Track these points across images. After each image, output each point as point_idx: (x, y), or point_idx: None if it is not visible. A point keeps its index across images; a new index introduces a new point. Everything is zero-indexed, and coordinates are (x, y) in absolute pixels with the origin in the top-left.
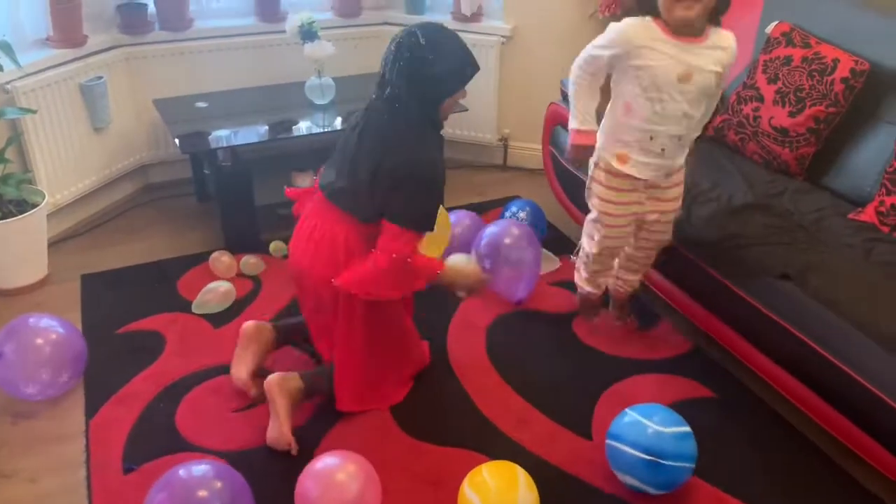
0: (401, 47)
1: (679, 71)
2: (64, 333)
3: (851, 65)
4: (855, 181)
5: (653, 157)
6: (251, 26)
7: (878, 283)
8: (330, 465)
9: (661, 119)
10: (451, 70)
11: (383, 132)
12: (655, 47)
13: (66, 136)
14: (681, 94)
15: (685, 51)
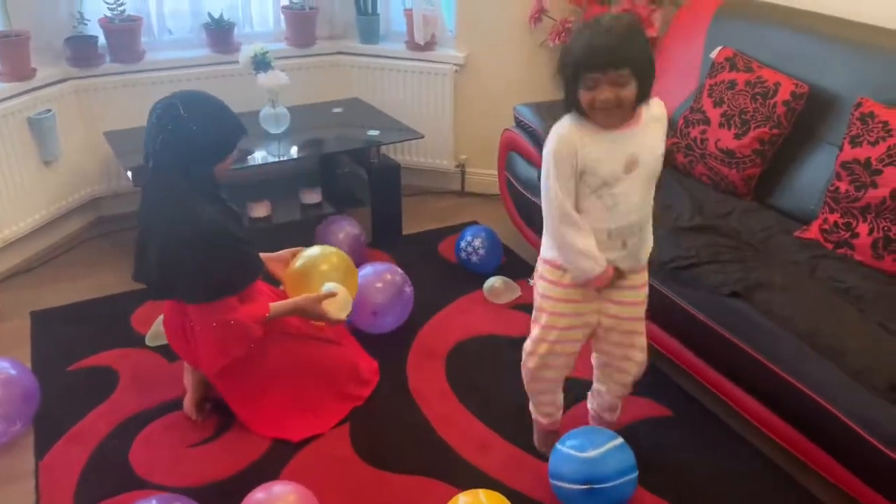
0: (161, 119)
1: (624, 161)
2: (15, 375)
3: (792, 88)
4: (800, 200)
5: (614, 250)
6: (204, 57)
7: (824, 298)
8: (274, 494)
9: (615, 216)
10: (216, 138)
11: (154, 210)
12: (594, 145)
13: (15, 170)
14: (631, 183)
15: (623, 138)
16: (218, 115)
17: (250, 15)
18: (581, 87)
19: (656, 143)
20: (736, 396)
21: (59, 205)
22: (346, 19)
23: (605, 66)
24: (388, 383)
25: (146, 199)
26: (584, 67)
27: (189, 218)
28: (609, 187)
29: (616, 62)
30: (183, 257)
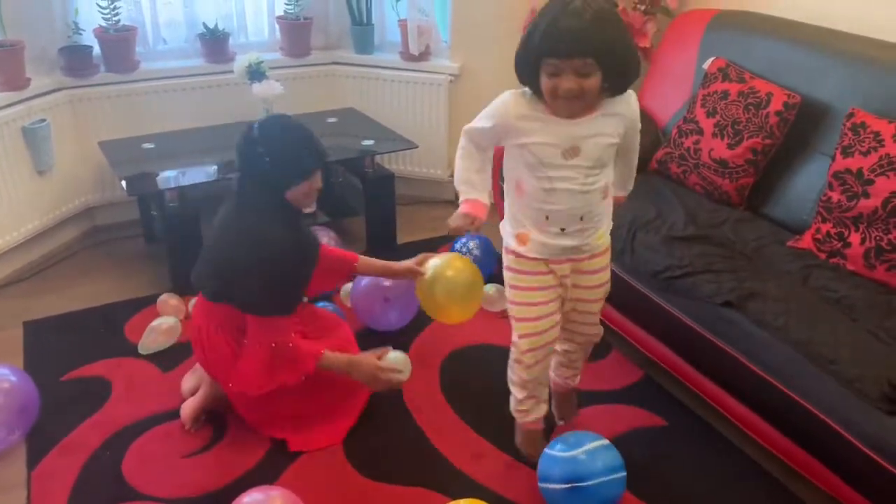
0: (239, 142)
1: (564, 147)
2: (16, 382)
3: (784, 98)
4: (792, 210)
5: (552, 236)
6: (198, 67)
7: (816, 307)
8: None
9: (553, 198)
10: (283, 164)
11: (228, 222)
12: (536, 123)
13: (8, 179)
14: (571, 171)
15: (566, 125)
16: (290, 142)
17: (245, 25)
18: (542, 72)
19: (606, 132)
20: (729, 406)
21: (52, 214)
22: (341, 29)
23: (568, 53)
24: (382, 392)
25: (222, 212)
26: (545, 53)
27: (257, 237)
28: (546, 169)
29: (580, 50)
30: (246, 272)
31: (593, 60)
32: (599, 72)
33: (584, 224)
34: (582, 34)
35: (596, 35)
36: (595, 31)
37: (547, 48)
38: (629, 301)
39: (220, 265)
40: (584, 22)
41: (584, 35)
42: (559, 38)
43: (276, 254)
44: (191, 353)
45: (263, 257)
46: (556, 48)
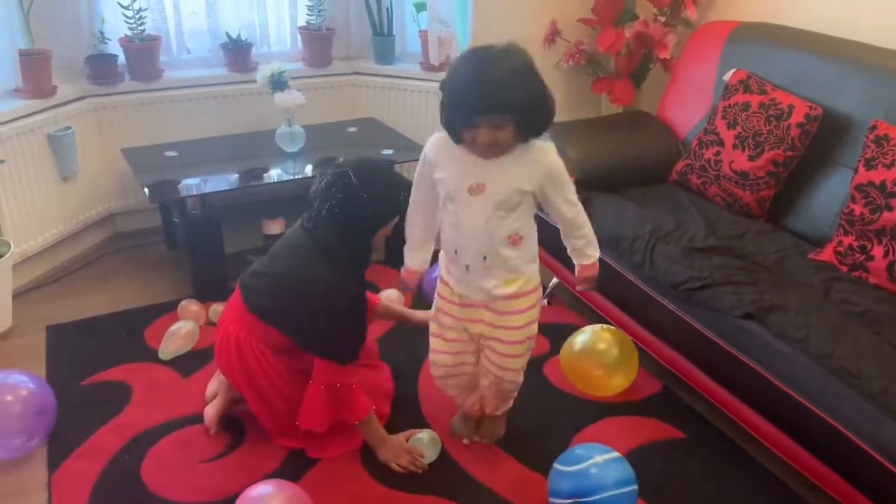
0: (332, 187)
1: (470, 182)
2: (34, 389)
3: (806, 110)
4: (814, 222)
5: (460, 273)
6: (221, 76)
7: (838, 321)
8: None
9: (459, 234)
10: (385, 204)
11: (301, 259)
12: (453, 160)
13: (34, 185)
14: (475, 206)
15: (476, 162)
16: (386, 180)
17: (268, 35)
18: (460, 123)
19: (515, 176)
20: (749, 419)
21: (76, 220)
22: (362, 40)
23: (482, 110)
24: (399, 402)
25: (292, 246)
26: (462, 112)
27: (329, 293)
28: (453, 203)
29: (494, 108)
30: (319, 316)
31: (507, 115)
32: (512, 124)
33: (489, 264)
34: (495, 93)
35: (508, 93)
36: (507, 88)
37: (463, 108)
38: (648, 312)
39: (283, 295)
40: (497, 80)
41: (496, 94)
42: (474, 97)
43: (344, 306)
44: (210, 359)
45: (332, 308)
46: (470, 109)
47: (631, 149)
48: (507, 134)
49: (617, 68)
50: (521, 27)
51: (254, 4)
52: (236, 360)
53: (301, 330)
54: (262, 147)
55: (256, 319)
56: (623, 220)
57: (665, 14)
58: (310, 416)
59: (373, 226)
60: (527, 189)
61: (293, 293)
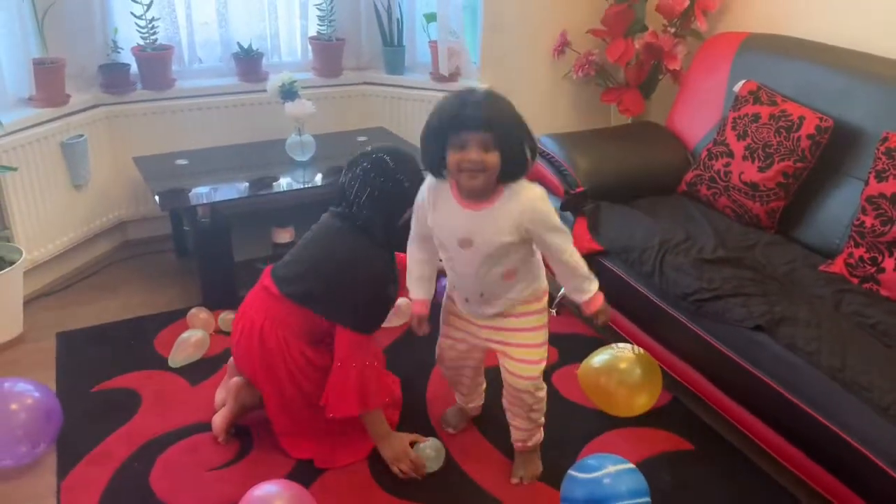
0: (370, 172)
1: (458, 236)
2: (39, 398)
3: (816, 122)
4: (824, 234)
5: (461, 303)
6: (232, 86)
7: (848, 333)
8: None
9: (456, 275)
10: (417, 188)
11: (339, 239)
12: (442, 208)
13: (46, 193)
14: (466, 257)
15: (468, 217)
16: (418, 167)
17: (279, 45)
18: (449, 147)
19: (501, 228)
20: (759, 431)
21: (86, 228)
22: (373, 50)
23: (475, 125)
24: (408, 411)
25: (329, 229)
26: (454, 126)
27: (371, 259)
28: (445, 250)
29: (486, 124)
30: (354, 288)
31: (495, 136)
32: (498, 151)
33: (487, 298)
34: (485, 111)
35: (496, 115)
36: (495, 111)
37: (456, 122)
38: (657, 323)
39: (322, 274)
40: (486, 103)
41: (486, 112)
42: (467, 114)
43: (384, 276)
44: (219, 367)
45: (374, 278)
46: (464, 122)
47: (640, 159)
48: (493, 159)
49: (626, 79)
50: (531, 38)
51: (265, 15)
52: (258, 349)
53: (339, 304)
54: (273, 156)
55: (287, 307)
56: (632, 230)
57: (675, 25)
58: (338, 399)
59: (408, 204)
60: (514, 240)
61: (337, 270)
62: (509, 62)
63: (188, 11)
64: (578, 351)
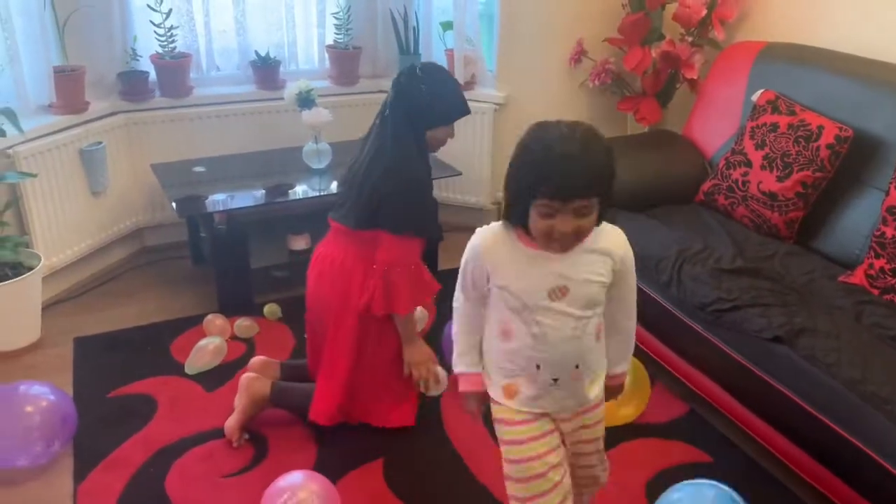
0: (401, 75)
1: (550, 287)
2: (55, 402)
3: (836, 131)
4: (844, 244)
5: (544, 387)
6: (250, 93)
7: (869, 345)
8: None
9: (543, 345)
10: (438, 103)
11: (376, 146)
12: (516, 260)
13: (65, 199)
14: (559, 313)
15: (548, 260)
16: (447, 88)
17: (296, 53)
18: (535, 207)
19: (595, 270)
20: (777, 443)
21: (104, 234)
22: (389, 58)
23: (569, 195)
24: (422, 418)
25: (369, 136)
26: (542, 194)
27: (404, 161)
28: (531, 313)
29: (582, 191)
30: (393, 190)
31: (595, 199)
32: (597, 208)
33: (580, 371)
34: (582, 172)
35: (595, 171)
36: (593, 165)
37: (544, 189)
38: (675, 333)
39: (366, 189)
40: (582, 155)
41: (584, 172)
42: (558, 178)
43: (418, 180)
44: (234, 373)
45: (409, 180)
46: (554, 189)
47: (657, 168)
48: (591, 221)
49: (643, 88)
50: (547, 46)
51: (282, 23)
52: (340, 281)
53: (383, 210)
54: (289, 164)
55: (353, 235)
56: (649, 240)
57: (692, 34)
58: (387, 297)
59: (426, 120)
60: (606, 282)
61: (379, 176)
62: (525, 70)
63: (206, 20)
64: None
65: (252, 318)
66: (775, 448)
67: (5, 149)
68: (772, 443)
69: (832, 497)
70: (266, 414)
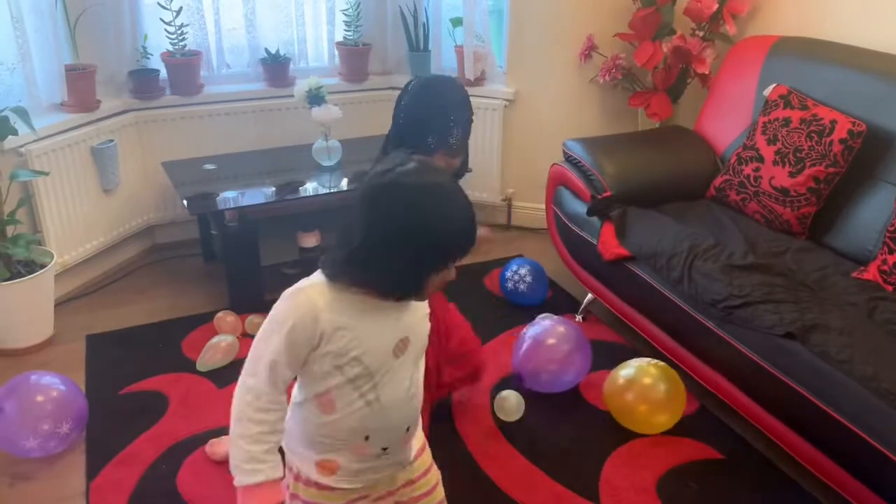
0: (406, 84)
1: (394, 341)
2: (65, 390)
3: (849, 126)
4: (857, 240)
5: (371, 460)
6: (260, 91)
7: (882, 342)
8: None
9: (378, 413)
10: (413, 127)
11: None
12: (359, 321)
13: (76, 197)
14: (399, 372)
15: (395, 312)
16: (426, 111)
17: (306, 50)
18: (435, 270)
19: (424, 306)
20: (790, 440)
21: (116, 232)
22: (399, 56)
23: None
24: (434, 420)
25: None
26: (459, 253)
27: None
28: (372, 378)
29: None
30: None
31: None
32: None
33: (409, 434)
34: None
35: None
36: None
37: (463, 249)
38: (686, 330)
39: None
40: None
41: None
42: (470, 239)
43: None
44: None
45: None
46: (467, 248)
47: (668, 164)
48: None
49: (654, 83)
50: (557, 42)
51: (292, 21)
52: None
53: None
54: (299, 161)
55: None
56: (660, 235)
57: (703, 29)
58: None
59: (402, 145)
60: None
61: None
62: (535, 66)
63: (217, 17)
64: (604, 358)
65: (263, 316)
66: (787, 445)
67: (17, 147)
68: (784, 440)
69: (845, 494)
70: None
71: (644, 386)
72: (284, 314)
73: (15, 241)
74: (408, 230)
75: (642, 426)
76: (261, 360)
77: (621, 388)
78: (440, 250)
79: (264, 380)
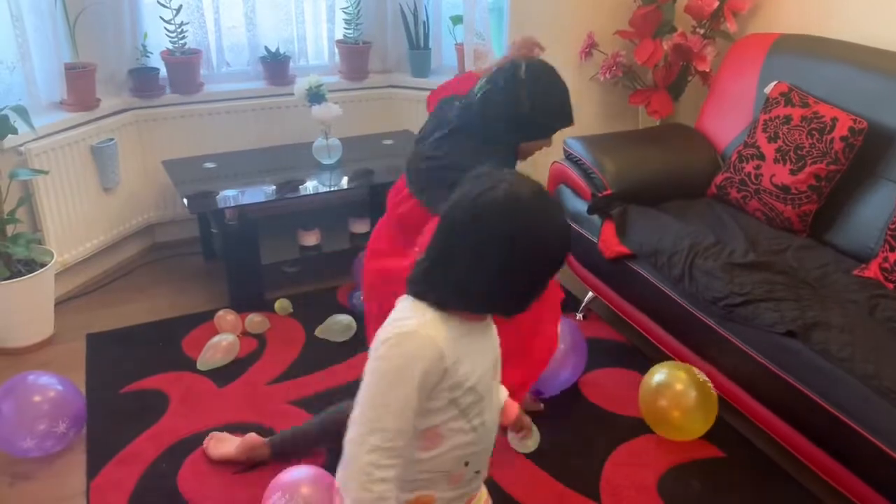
0: (500, 72)
1: (493, 363)
2: (62, 390)
3: (850, 123)
4: (858, 238)
5: (465, 485)
6: (260, 89)
7: (883, 339)
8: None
9: (483, 436)
10: (542, 116)
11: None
12: (468, 347)
13: (76, 196)
14: (495, 390)
15: (486, 329)
16: (552, 96)
17: (306, 49)
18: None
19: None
20: (790, 438)
21: (116, 231)
22: (399, 54)
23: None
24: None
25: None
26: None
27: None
28: (481, 402)
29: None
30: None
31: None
32: None
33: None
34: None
35: None
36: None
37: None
38: (687, 328)
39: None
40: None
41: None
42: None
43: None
44: (246, 369)
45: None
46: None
47: (668, 162)
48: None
49: (655, 81)
50: (557, 40)
51: (292, 19)
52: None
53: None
54: (299, 159)
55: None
56: (661, 233)
57: (704, 26)
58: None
59: (520, 132)
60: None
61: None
62: None
63: (216, 16)
64: (604, 357)
65: (263, 314)
66: (788, 443)
67: (17, 146)
68: (785, 437)
69: (846, 492)
70: (278, 412)
71: (676, 392)
72: (408, 362)
73: (15, 240)
74: (536, 249)
75: (674, 434)
76: (387, 414)
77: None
78: (557, 264)
79: (393, 433)
